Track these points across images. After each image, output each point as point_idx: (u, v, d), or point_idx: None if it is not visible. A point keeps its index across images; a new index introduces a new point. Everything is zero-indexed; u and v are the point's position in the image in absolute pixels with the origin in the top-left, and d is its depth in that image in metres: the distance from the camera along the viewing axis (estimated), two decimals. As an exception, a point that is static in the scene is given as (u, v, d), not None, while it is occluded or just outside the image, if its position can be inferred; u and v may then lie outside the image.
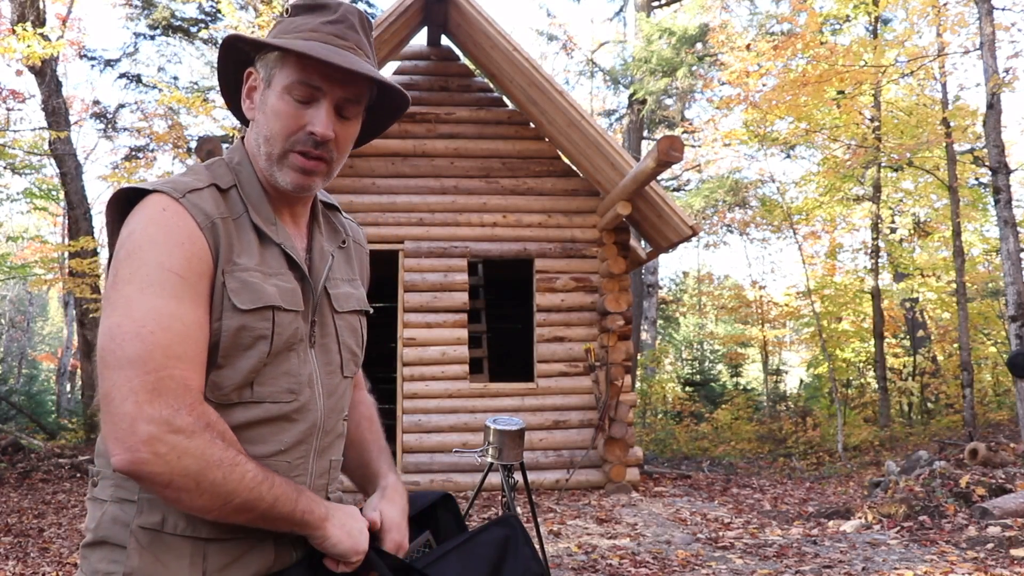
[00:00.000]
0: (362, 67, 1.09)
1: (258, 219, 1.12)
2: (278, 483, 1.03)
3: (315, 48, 1.08)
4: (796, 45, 11.32)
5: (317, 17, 1.14)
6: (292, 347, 1.12)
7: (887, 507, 5.90)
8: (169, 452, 0.94)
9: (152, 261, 1.01)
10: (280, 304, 1.09)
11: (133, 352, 0.97)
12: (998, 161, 8.55)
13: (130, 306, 0.99)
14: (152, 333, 0.98)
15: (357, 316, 1.27)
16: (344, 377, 1.23)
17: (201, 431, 0.97)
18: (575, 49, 20.18)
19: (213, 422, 1.00)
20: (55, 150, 12.61)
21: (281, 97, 1.11)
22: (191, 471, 0.95)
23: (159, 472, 0.95)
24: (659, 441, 14.76)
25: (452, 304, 7.79)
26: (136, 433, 0.94)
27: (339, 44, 1.12)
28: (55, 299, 28.85)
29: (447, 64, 8.42)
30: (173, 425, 0.95)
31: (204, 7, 16.35)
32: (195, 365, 1.02)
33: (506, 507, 3.08)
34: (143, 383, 0.96)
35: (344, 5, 1.16)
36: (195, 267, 1.04)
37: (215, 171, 1.14)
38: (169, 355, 0.98)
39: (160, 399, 0.96)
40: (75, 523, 6.43)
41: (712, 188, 17.15)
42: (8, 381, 17.72)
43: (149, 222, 1.04)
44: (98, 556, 1.07)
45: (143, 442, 0.94)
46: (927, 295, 14.57)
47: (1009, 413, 12.45)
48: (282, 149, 1.12)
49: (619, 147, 7.35)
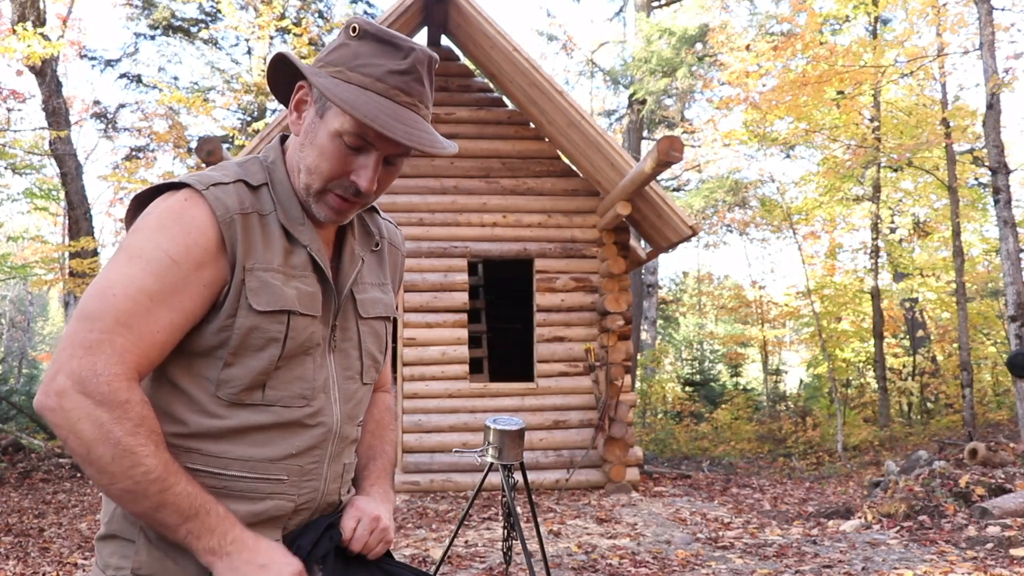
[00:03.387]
0: (420, 140, 1.05)
1: (285, 219, 1.10)
2: (178, 491, 0.99)
3: (376, 112, 1.02)
4: (796, 45, 11.33)
5: (385, 60, 1.07)
6: (308, 352, 1.11)
7: (887, 507, 5.91)
8: (72, 410, 0.95)
9: (152, 239, 1.02)
10: (297, 308, 1.08)
11: (89, 308, 0.99)
12: (998, 161, 8.56)
13: (111, 269, 1.01)
14: (114, 296, 0.99)
15: (382, 322, 1.24)
16: (363, 383, 1.21)
17: (113, 405, 0.96)
18: (575, 49, 20.18)
19: (133, 401, 0.98)
20: (55, 150, 12.61)
21: (332, 140, 1.07)
22: (84, 437, 0.95)
23: (58, 424, 0.96)
24: (659, 441, 14.77)
25: (452, 304, 7.79)
26: (55, 380, 0.96)
27: (403, 101, 1.06)
28: (55, 299, 28.85)
29: (447, 64, 8.43)
30: (86, 387, 0.96)
31: (204, 7, 16.36)
32: (142, 342, 1.00)
33: (506, 507, 3.08)
34: (83, 339, 0.97)
35: (416, 51, 1.09)
36: (194, 256, 1.02)
37: (247, 168, 1.13)
38: (120, 322, 0.98)
39: (88, 358, 0.96)
40: (75, 523, 6.44)
41: (712, 188, 17.15)
42: (8, 381, 17.71)
43: (165, 208, 1.05)
44: (109, 550, 1.08)
45: (56, 391, 0.96)
46: (927, 295, 14.57)
47: (1009, 413, 12.46)
48: (321, 187, 1.09)
49: (619, 147, 7.36)
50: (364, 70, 1.06)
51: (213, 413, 1.06)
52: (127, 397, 0.97)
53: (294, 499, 1.10)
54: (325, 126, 1.07)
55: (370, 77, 1.06)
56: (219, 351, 1.05)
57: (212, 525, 1.01)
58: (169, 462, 1.00)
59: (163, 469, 0.98)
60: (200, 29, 16.54)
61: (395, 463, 1.35)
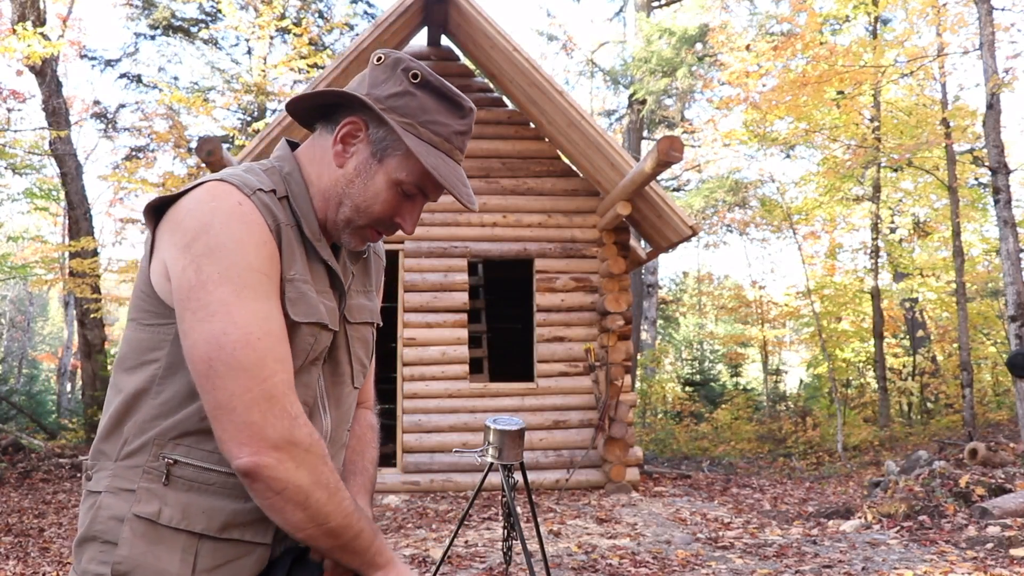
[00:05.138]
0: (471, 200, 1.14)
1: (310, 233, 1.13)
2: (363, 517, 1.06)
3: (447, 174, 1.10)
4: (796, 45, 11.33)
5: (450, 120, 1.13)
6: (315, 362, 1.14)
7: (887, 507, 5.91)
8: (289, 461, 0.98)
9: (241, 261, 1.01)
10: (327, 323, 1.11)
11: (246, 360, 0.98)
12: (998, 161, 8.56)
13: (230, 311, 0.99)
14: (259, 340, 0.99)
15: (368, 327, 1.27)
16: (353, 387, 1.24)
17: (315, 446, 1.02)
18: (575, 49, 20.19)
19: (319, 437, 1.03)
20: (55, 150, 12.61)
21: (391, 187, 1.12)
22: (303, 485, 0.99)
23: (278, 478, 0.98)
24: (659, 441, 14.77)
25: (452, 304, 7.79)
26: (266, 439, 0.97)
27: (458, 158, 1.15)
28: (55, 299, 28.84)
29: (447, 64, 8.43)
30: (294, 437, 0.99)
31: (204, 7, 16.36)
32: (290, 366, 1.04)
33: (506, 507, 3.08)
34: (262, 392, 0.98)
35: (473, 112, 1.17)
36: (275, 267, 1.05)
37: (272, 178, 1.13)
38: (276, 359, 1.01)
39: (277, 407, 0.99)
40: (75, 523, 6.44)
41: (712, 188, 17.15)
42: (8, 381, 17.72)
43: (229, 217, 1.02)
44: (88, 555, 1.07)
45: (272, 447, 0.98)
46: (927, 295, 14.57)
47: (1009, 413, 12.46)
48: (365, 224, 1.14)
49: (619, 147, 7.36)
50: (434, 128, 1.12)
51: None
52: (318, 435, 1.03)
53: None
54: (384, 171, 1.11)
55: (440, 136, 1.12)
56: None
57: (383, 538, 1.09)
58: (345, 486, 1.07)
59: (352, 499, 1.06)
60: (200, 29, 16.54)
61: (374, 481, 1.35)
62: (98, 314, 12.94)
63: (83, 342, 12.92)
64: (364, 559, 1.06)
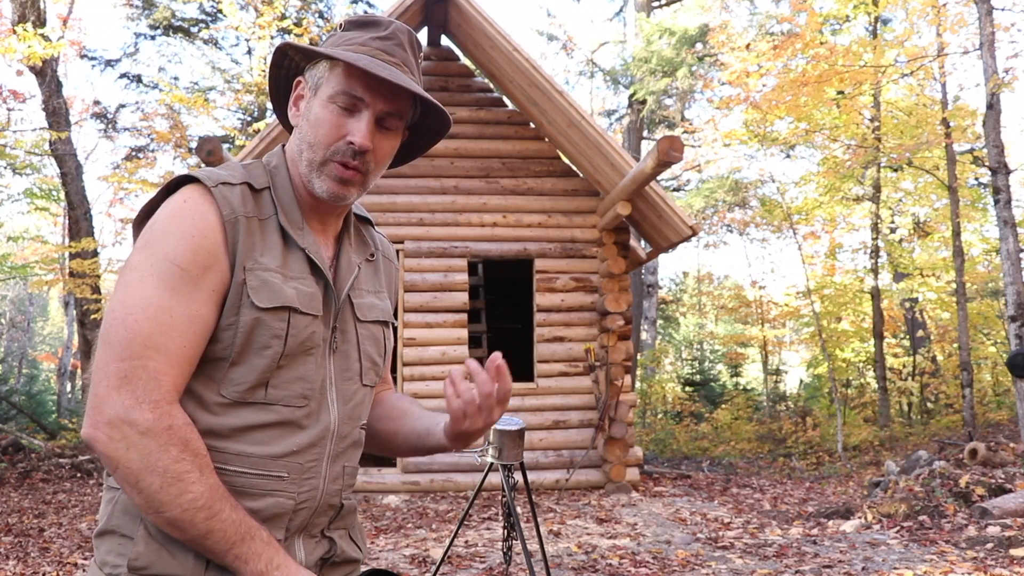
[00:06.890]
0: (405, 81, 1.11)
1: (286, 222, 1.14)
2: (224, 518, 1.02)
3: (361, 60, 1.10)
4: (796, 45, 11.33)
5: (368, 32, 1.17)
6: (309, 352, 1.13)
7: (887, 507, 5.91)
8: (120, 440, 0.99)
9: (159, 252, 1.04)
10: (297, 306, 1.11)
11: (116, 337, 1.01)
12: (998, 161, 8.56)
13: (127, 292, 1.03)
14: (136, 322, 1.01)
15: (380, 327, 1.28)
16: (363, 385, 1.24)
17: (157, 432, 0.99)
18: (575, 49, 20.20)
19: (177, 426, 1.01)
20: (55, 150, 12.62)
21: (325, 106, 1.13)
22: (133, 467, 0.99)
23: (108, 454, 1.00)
24: (659, 441, 14.78)
25: (452, 304, 7.80)
26: (102, 412, 0.99)
27: (386, 59, 1.15)
28: (55, 299, 28.85)
29: (447, 64, 8.43)
30: (129, 417, 0.99)
31: (204, 7, 16.36)
32: (173, 360, 1.03)
33: (506, 507, 3.08)
34: (117, 369, 1.00)
35: (395, 24, 1.19)
36: (200, 260, 1.05)
37: (252, 171, 1.17)
38: (148, 345, 1.01)
39: (127, 387, 1.00)
40: (75, 523, 6.44)
41: (712, 188, 17.16)
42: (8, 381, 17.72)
43: (170, 213, 1.08)
44: (106, 547, 1.09)
45: (105, 422, 0.99)
46: (927, 295, 14.56)
47: (1009, 413, 12.46)
48: (323, 157, 1.14)
49: (619, 147, 7.36)
50: (351, 42, 1.16)
51: (216, 412, 1.08)
52: (169, 423, 1.01)
53: (294, 497, 1.12)
54: (318, 98, 1.14)
55: (355, 44, 1.15)
56: (225, 350, 1.08)
57: (258, 551, 1.04)
58: (215, 487, 1.03)
59: (209, 495, 1.02)
60: (200, 29, 16.55)
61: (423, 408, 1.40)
62: (98, 314, 12.94)
63: (83, 342, 12.93)
64: (224, 561, 1.04)
